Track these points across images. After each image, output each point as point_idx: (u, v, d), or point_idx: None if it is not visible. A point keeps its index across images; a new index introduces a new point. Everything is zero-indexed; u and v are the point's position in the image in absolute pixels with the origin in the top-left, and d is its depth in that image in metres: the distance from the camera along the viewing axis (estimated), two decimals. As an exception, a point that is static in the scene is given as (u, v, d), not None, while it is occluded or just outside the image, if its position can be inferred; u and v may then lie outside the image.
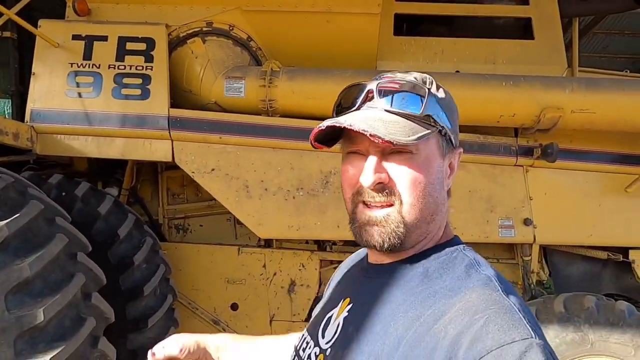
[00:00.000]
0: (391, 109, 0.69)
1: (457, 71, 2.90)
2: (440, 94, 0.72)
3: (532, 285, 2.86)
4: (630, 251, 2.87)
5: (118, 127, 2.59)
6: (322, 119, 2.75)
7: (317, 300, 3.05)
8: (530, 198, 2.77)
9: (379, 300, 0.70)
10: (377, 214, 0.69)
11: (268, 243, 3.12)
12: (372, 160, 0.68)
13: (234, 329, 2.97)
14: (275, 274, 2.98)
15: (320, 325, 0.80)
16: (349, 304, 0.77)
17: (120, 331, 2.24)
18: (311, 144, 0.75)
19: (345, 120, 0.67)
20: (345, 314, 0.76)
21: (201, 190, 3.27)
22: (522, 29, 3.03)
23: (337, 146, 0.79)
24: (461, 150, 0.77)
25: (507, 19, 3.03)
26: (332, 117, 0.74)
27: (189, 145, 2.61)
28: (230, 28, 2.81)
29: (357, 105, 0.72)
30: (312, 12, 2.72)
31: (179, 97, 2.80)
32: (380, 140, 0.64)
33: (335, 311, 0.79)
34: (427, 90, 0.69)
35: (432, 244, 0.73)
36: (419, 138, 0.66)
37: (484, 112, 2.59)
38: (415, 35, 3.12)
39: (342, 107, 0.75)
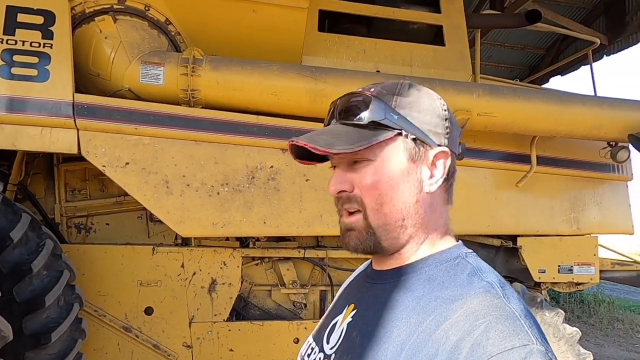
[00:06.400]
0: (342, 120, 0.72)
1: (378, 71, 3.03)
2: (407, 96, 0.71)
3: (441, 272, 3.13)
4: (518, 238, 3.29)
5: (6, 112, 2.22)
6: (247, 111, 2.68)
7: (239, 298, 2.98)
8: (441, 192, 3.01)
9: (381, 306, 0.70)
10: (348, 220, 0.73)
11: (186, 241, 2.95)
12: (336, 171, 0.74)
13: (148, 335, 2.75)
14: (194, 273, 2.83)
15: (325, 331, 0.80)
16: (353, 310, 0.77)
17: (16, 350, 1.93)
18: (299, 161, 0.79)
19: (294, 138, 0.71)
20: (349, 319, 0.76)
21: (107, 185, 2.97)
22: (434, 36, 3.26)
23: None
24: (443, 149, 0.71)
25: (421, 25, 3.23)
26: None
27: (98, 135, 2.33)
28: (146, 8, 2.56)
29: (326, 122, 0.76)
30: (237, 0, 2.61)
31: (83, 81, 2.49)
32: (319, 151, 0.68)
33: (340, 317, 0.79)
34: (372, 97, 0.69)
35: (431, 250, 0.72)
36: (363, 145, 0.67)
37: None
38: (336, 33, 3.19)
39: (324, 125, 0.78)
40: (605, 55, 6.96)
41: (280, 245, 3.06)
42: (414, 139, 0.70)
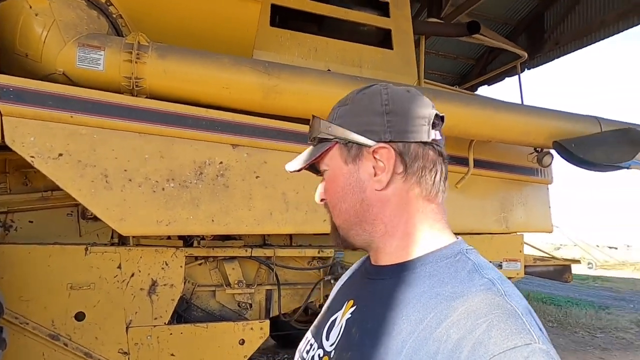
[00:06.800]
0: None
1: (329, 70, 3.04)
2: (350, 103, 0.75)
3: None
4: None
5: None
6: (196, 104, 2.58)
7: (182, 300, 2.84)
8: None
9: (381, 302, 0.69)
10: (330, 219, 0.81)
11: (123, 240, 2.76)
12: (321, 183, 0.83)
13: (78, 343, 2.52)
14: (133, 274, 2.64)
15: (324, 327, 0.79)
16: (352, 306, 0.76)
17: None
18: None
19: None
20: (348, 315, 0.75)
21: (31, 179, 2.69)
22: (382, 39, 3.35)
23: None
24: (380, 145, 0.70)
25: (371, 28, 3.29)
26: None
27: (27, 123, 2.09)
28: (85, -14, 2.35)
29: None
30: (188, -14, 2.48)
31: (7, 60, 2.23)
32: (289, 171, 0.82)
33: (339, 313, 0.78)
34: (313, 119, 0.79)
35: (426, 247, 0.71)
36: (309, 160, 0.78)
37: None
38: (286, 28, 3.15)
39: None
40: (526, 69, 7.60)
41: (226, 244, 2.96)
42: (347, 143, 0.73)
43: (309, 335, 0.83)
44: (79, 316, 2.53)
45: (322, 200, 0.81)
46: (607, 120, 3.42)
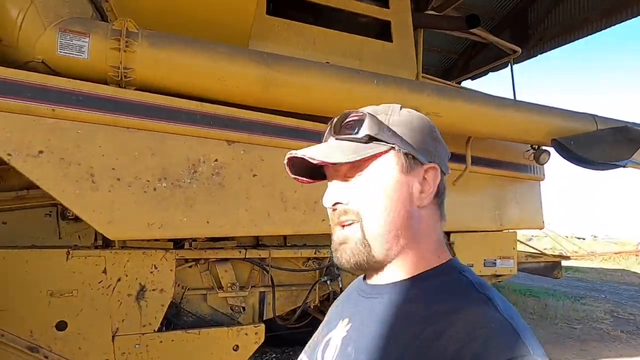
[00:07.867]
0: (337, 136, 0.75)
1: (327, 62, 2.90)
2: (399, 116, 0.75)
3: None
4: (451, 234, 3.43)
5: None
6: (190, 97, 2.37)
7: (172, 305, 2.67)
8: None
9: (378, 319, 0.70)
10: (342, 233, 0.73)
11: (107, 242, 2.56)
12: (331, 183, 0.76)
13: (60, 354, 2.33)
14: (119, 279, 2.46)
15: (320, 346, 0.79)
16: (347, 324, 0.77)
17: None
18: (296, 179, 0.80)
19: (292, 152, 0.74)
20: (343, 333, 0.76)
21: (4, 177, 2.46)
22: (383, 31, 3.22)
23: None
24: (433, 165, 0.73)
25: (370, 19, 3.16)
26: None
27: (1, 116, 1.87)
28: (66, -35, 2.12)
29: (325, 138, 0.79)
30: (180, -31, 2.29)
31: (-23, 46, 1.99)
32: (316, 162, 0.71)
33: (334, 333, 0.78)
34: (367, 114, 0.72)
35: (426, 266, 0.72)
36: (359, 156, 0.71)
37: (356, 107, 2.64)
38: (283, 17, 2.98)
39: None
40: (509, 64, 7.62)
41: (218, 245, 2.80)
42: (405, 154, 0.72)
43: (303, 356, 0.83)
44: (61, 325, 2.34)
45: (337, 204, 0.73)
46: (602, 118, 3.42)
